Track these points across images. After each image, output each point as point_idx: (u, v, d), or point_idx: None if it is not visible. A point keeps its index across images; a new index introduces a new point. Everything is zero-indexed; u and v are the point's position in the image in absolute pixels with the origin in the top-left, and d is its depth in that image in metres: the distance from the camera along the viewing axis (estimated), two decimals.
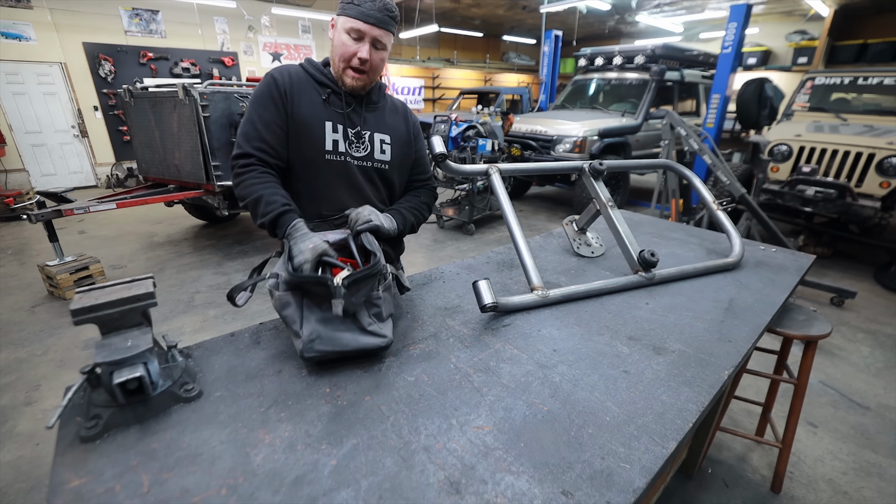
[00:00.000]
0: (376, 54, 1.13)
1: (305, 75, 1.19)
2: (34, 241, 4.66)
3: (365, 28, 1.08)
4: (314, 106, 1.17)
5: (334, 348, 0.83)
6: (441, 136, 1.19)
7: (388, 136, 1.26)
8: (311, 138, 1.16)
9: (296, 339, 0.84)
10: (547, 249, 1.55)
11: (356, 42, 1.10)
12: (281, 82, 1.15)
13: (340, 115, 1.19)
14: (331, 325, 0.83)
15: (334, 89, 1.19)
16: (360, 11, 1.07)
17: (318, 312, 0.84)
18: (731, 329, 1.02)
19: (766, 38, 9.93)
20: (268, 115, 1.13)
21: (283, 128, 1.15)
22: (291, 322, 0.84)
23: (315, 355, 0.82)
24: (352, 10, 1.07)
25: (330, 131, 1.17)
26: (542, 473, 0.63)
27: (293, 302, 0.84)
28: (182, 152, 3.87)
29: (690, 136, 3.40)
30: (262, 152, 1.13)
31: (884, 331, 2.95)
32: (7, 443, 1.93)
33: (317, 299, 0.85)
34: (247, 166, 1.12)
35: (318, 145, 1.17)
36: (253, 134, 1.13)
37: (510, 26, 12.35)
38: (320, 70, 1.20)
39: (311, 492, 0.59)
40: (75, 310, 0.70)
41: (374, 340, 0.86)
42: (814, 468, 1.82)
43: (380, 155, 1.25)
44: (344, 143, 1.19)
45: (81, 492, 0.58)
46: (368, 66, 1.13)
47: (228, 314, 3.10)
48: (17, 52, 6.34)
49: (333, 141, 1.18)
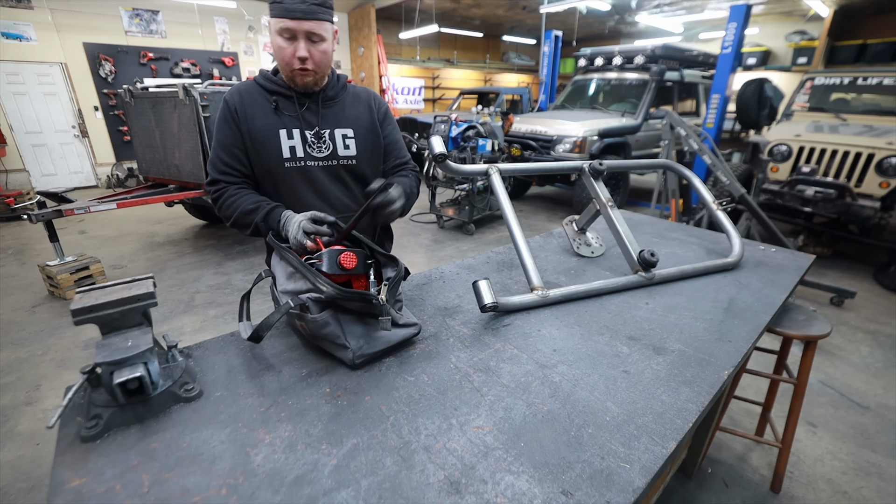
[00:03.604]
0: (315, 48, 1.08)
1: (256, 87, 1.19)
2: (35, 241, 4.66)
3: (293, 25, 1.03)
4: (266, 117, 1.16)
5: (380, 347, 0.88)
6: (441, 136, 1.19)
7: (350, 130, 1.23)
8: (267, 149, 1.17)
9: (342, 350, 0.86)
10: (547, 249, 1.55)
11: (290, 42, 1.06)
12: (231, 103, 1.16)
13: (294, 118, 1.17)
14: (371, 328, 0.88)
15: (284, 94, 1.17)
16: (284, 9, 1.02)
17: (359, 322, 0.87)
18: (731, 329, 1.03)
19: (766, 38, 9.93)
20: (225, 138, 1.17)
21: (242, 147, 1.18)
22: (334, 338, 0.85)
23: (366, 359, 0.87)
24: (276, 9, 1.03)
25: (285, 138, 1.17)
26: (542, 473, 0.63)
27: (331, 320, 0.84)
28: (182, 152, 3.87)
29: (690, 136, 3.40)
30: (229, 175, 1.19)
31: (883, 331, 2.95)
32: (8, 442, 1.93)
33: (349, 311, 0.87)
34: (219, 191, 1.19)
35: (276, 155, 1.17)
36: (216, 160, 1.19)
37: (510, 26, 12.35)
38: (269, 79, 1.19)
39: (312, 491, 0.59)
40: (76, 310, 0.70)
41: (409, 331, 0.93)
42: (813, 468, 1.82)
43: (344, 151, 1.22)
44: (303, 148, 1.18)
45: (82, 491, 0.58)
46: (311, 62, 1.09)
47: (229, 314, 3.10)
48: (17, 53, 6.34)
49: (290, 147, 1.17)
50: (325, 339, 0.86)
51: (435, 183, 4.94)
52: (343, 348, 0.85)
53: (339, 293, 0.81)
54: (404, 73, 11.54)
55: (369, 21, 9.41)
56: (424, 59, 11.93)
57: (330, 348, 0.88)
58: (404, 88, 11.41)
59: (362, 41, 9.87)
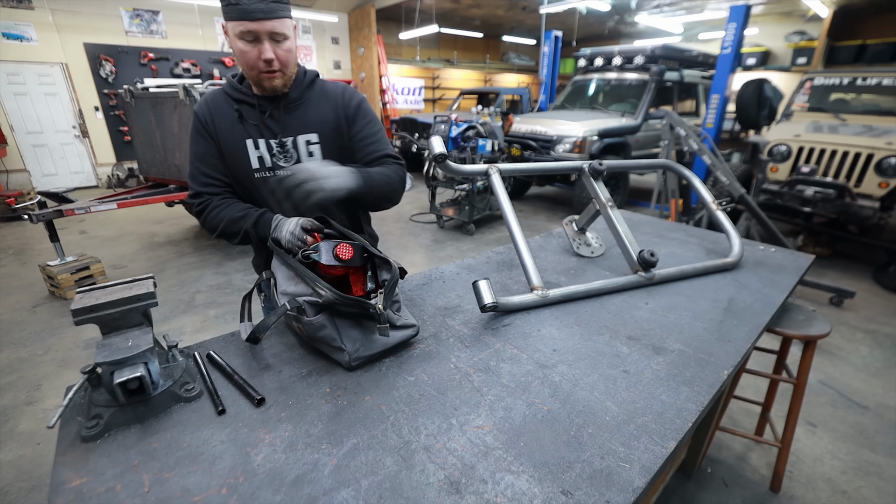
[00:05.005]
0: (279, 48, 1.03)
1: (223, 96, 1.15)
2: (35, 241, 4.66)
3: (254, 26, 0.98)
4: (232, 127, 1.13)
5: (377, 350, 0.89)
6: (441, 137, 1.18)
7: (313, 135, 1.17)
8: (236, 160, 1.14)
9: (338, 353, 0.86)
10: (547, 249, 1.55)
11: (253, 44, 1.01)
12: (201, 114, 1.14)
13: (258, 127, 1.13)
14: (368, 330, 0.88)
15: (247, 101, 1.13)
16: (242, 10, 0.96)
17: (355, 326, 0.87)
18: (731, 329, 1.03)
19: (766, 38, 9.93)
20: (201, 150, 1.15)
21: (218, 156, 1.16)
22: (331, 340, 0.85)
23: (362, 361, 0.87)
24: (233, 11, 0.97)
25: (252, 149, 1.13)
26: (542, 473, 0.63)
27: (328, 323, 0.84)
28: (183, 152, 3.87)
29: (690, 136, 3.40)
30: (210, 186, 1.17)
31: (882, 330, 2.95)
32: (8, 442, 1.93)
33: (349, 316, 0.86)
34: (202, 204, 1.16)
35: (245, 165, 1.14)
36: (195, 173, 1.16)
37: (510, 27, 12.35)
38: (234, 86, 1.14)
39: (312, 491, 0.59)
40: (76, 310, 0.70)
41: (406, 333, 0.93)
42: (813, 467, 1.82)
43: (307, 159, 1.17)
44: (269, 157, 1.14)
45: (82, 491, 0.58)
46: (277, 63, 1.04)
47: (229, 314, 3.10)
48: (18, 53, 6.35)
49: (258, 157, 1.14)
50: (322, 341, 0.86)
51: (435, 183, 4.95)
52: (339, 351, 0.85)
53: (338, 298, 0.81)
54: (404, 74, 11.54)
55: (369, 21, 9.42)
56: (424, 60, 11.93)
57: (327, 350, 0.88)
58: (404, 88, 11.42)
59: (362, 41, 9.87)
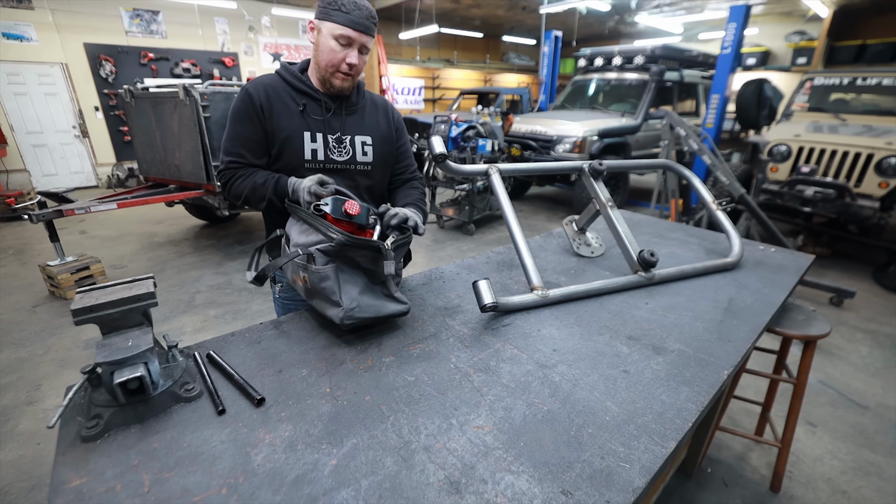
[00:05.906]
0: (361, 59, 1.16)
1: (282, 84, 1.19)
2: (35, 241, 4.66)
3: (354, 35, 1.10)
4: (291, 117, 1.18)
5: (369, 315, 0.93)
6: (441, 137, 1.20)
7: (369, 137, 1.26)
8: (290, 150, 1.18)
9: (334, 308, 0.91)
10: (547, 249, 1.55)
11: (344, 48, 1.12)
12: (256, 98, 1.16)
13: (320, 122, 1.19)
14: (367, 293, 0.94)
15: (312, 96, 1.19)
16: (350, 19, 1.08)
17: (358, 282, 0.93)
18: (731, 329, 1.03)
19: (766, 38, 9.93)
20: (245, 132, 1.17)
21: (262, 143, 1.19)
22: (330, 294, 0.91)
23: (354, 322, 0.91)
24: (340, 17, 1.08)
25: (308, 141, 1.18)
26: (542, 473, 0.63)
27: (332, 275, 0.90)
28: (183, 152, 3.87)
29: (690, 136, 3.40)
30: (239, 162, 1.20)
31: (882, 330, 2.95)
32: (8, 442, 1.93)
33: (353, 265, 0.93)
34: (231, 171, 1.19)
35: (297, 156, 1.18)
36: (232, 150, 1.19)
37: (510, 27, 12.35)
38: (297, 77, 1.19)
39: (312, 491, 0.59)
40: (76, 310, 0.70)
41: (399, 307, 0.98)
42: (813, 467, 1.82)
43: (362, 157, 1.26)
44: (323, 151, 1.20)
45: (82, 491, 0.58)
46: (356, 70, 1.16)
47: (229, 314, 3.10)
48: (18, 53, 6.34)
49: (312, 150, 1.19)
50: (322, 294, 0.91)
51: (435, 183, 4.95)
52: (336, 305, 0.90)
53: (348, 238, 0.87)
54: (404, 74, 11.55)
55: None
56: (424, 60, 11.93)
57: (322, 307, 0.93)
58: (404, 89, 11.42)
59: None
